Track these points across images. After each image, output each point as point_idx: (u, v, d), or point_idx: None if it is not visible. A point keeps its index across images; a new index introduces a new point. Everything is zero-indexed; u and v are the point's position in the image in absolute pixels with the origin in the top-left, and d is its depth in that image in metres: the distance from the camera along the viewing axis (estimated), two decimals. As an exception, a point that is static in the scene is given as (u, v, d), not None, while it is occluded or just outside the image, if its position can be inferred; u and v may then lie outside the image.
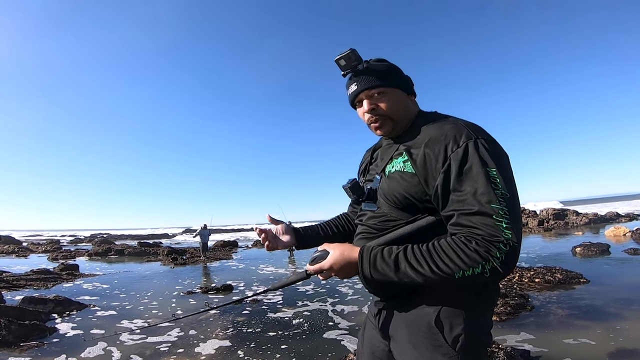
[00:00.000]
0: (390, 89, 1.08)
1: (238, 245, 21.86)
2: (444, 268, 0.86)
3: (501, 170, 0.89)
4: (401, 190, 1.00)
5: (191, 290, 7.44)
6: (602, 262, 7.88)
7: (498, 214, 0.85)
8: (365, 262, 0.95)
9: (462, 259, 0.85)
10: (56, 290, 7.97)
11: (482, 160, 0.89)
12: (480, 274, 0.84)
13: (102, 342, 4.16)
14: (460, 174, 0.90)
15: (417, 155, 0.98)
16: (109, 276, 10.32)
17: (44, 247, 23.56)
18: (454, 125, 0.97)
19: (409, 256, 0.91)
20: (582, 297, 5.09)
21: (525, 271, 6.51)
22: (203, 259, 14.14)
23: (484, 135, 0.95)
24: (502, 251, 0.83)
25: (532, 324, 4.13)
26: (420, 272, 0.88)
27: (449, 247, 0.87)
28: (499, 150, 0.95)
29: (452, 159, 0.91)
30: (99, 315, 5.62)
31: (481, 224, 0.85)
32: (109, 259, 16.54)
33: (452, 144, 0.92)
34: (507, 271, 0.85)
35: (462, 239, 0.87)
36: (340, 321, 4.69)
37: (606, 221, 19.40)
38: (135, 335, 4.37)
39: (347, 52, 1.05)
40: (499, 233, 0.84)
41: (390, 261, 0.92)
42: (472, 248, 0.84)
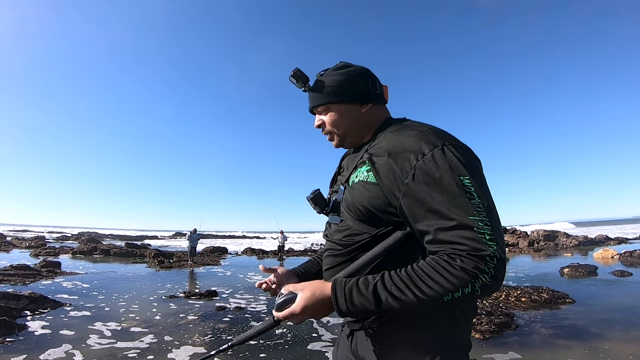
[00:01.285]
0: (334, 105, 1.04)
1: (227, 251, 21.62)
2: (429, 292, 0.76)
3: (474, 178, 0.80)
4: (363, 202, 0.92)
5: (173, 295, 7.27)
6: (588, 283, 7.90)
7: (479, 225, 0.76)
8: (341, 299, 0.84)
9: (449, 280, 0.75)
10: (33, 287, 7.77)
11: (452, 169, 0.80)
12: (470, 293, 0.75)
13: (67, 344, 4.00)
14: (430, 185, 0.80)
15: (380, 165, 0.89)
16: (91, 275, 10.10)
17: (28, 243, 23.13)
18: (418, 132, 0.88)
19: (388, 285, 0.80)
20: (567, 317, 5.07)
21: (512, 290, 6.47)
22: (190, 264, 13.92)
23: (451, 141, 0.86)
24: (490, 265, 0.75)
25: (515, 342, 4.07)
26: (404, 300, 0.78)
27: (432, 269, 0.78)
28: (469, 156, 0.86)
29: (418, 169, 0.82)
30: (72, 315, 5.45)
31: (463, 238, 0.76)
32: (94, 258, 16.24)
33: (418, 152, 0.83)
34: (497, 285, 0.77)
35: (445, 257, 0.78)
36: (324, 333, 4.58)
37: (595, 244, 19.54)
38: (104, 339, 4.20)
39: (293, 72, 1.05)
40: (484, 246, 0.75)
41: (368, 294, 0.81)
42: (458, 266, 0.75)
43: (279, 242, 17.60)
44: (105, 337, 4.31)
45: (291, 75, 1.06)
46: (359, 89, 1.04)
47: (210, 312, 5.88)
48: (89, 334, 4.39)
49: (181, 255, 16.67)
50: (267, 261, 16.57)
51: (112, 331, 4.60)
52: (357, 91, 1.04)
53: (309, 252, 21.44)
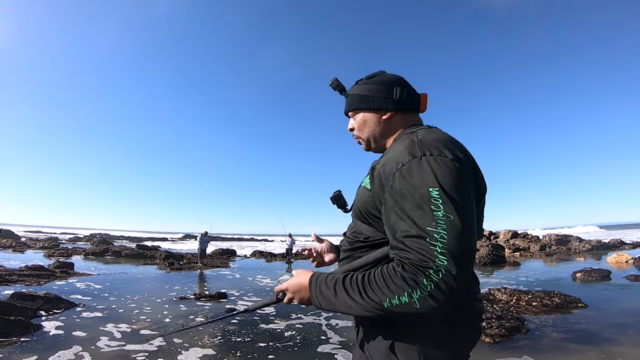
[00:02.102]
0: (359, 113, 1.13)
1: (236, 254, 21.74)
2: (372, 296, 0.80)
3: (446, 190, 0.79)
4: (359, 204, 1.04)
5: (184, 296, 7.35)
6: (601, 287, 7.76)
7: (433, 237, 0.75)
8: (313, 287, 0.93)
9: (389, 286, 0.77)
10: (47, 287, 7.93)
11: (422, 180, 0.81)
12: (408, 303, 0.75)
13: (78, 346, 4.05)
14: (400, 193, 0.84)
15: (376, 174, 0.96)
16: (103, 276, 10.26)
17: (41, 244, 23.58)
18: (410, 142, 0.91)
19: (346, 282, 0.86)
20: (579, 322, 4.99)
21: (523, 294, 6.40)
22: (200, 266, 14.04)
23: (435, 151, 0.86)
24: (432, 279, 0.73)
25: (526, 346, 4.03)
26: (354, 298, 0.82)
27: (380, 274, 0.81)
28: (451, 169, 0.83)
29: (395, 178, 0.86)
30: (85, 316, 5.54)
31: (413, 247, 0.77)
32: (105, 259, 16.49)
33: (399, 162, 0.87)
34: (441, 304, 0.74)
35: (394, 263, 0.81)
36: (333, 336, 4.59)
37: (609, 248, 19.17)
38: (114, 342, 4.25)
39: (331, 81, 1.18)
40: (432, 258, 0.74)
41: (331, 286, 0.89)
42: (399, 273, 0.77)
43: (287, 245, 17.65)
44: (115, 338, 4.37)
45: (330, 84, 1.19)
46: (381, 98, 1.09)
47: (220, 313, 5.94)
48: (99, 336, 4.46)
49: (191, 257, 16.83)
50: (276, 264, 16.61)
51: (122, 333, 4.67)
52: (378, 100, 1.09)
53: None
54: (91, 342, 4.19)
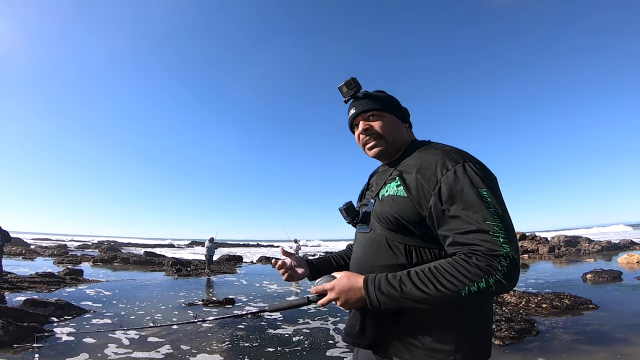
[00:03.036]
0: (385, 113, 1.18)
1: (243, 260, 21.76)
2: (448, 285, 0.87)
3: (491, 190, 0.93)
4: (393, 213, 1.04)
5: (192, 302, 7.39)
6: (612, 288, 7.65)
7: (494, 229, 0.88)
8: (371, 286, 0.97)
9: (465, 275, 0.86)
10: (58, 294, 8.02)
11: (471, 182, 0.93)
12: (485, 288, 0.85)
13: (85, 354, 4.06)
14: (452, 195, 0.93)
15: (410, 180, 1.02)
16: (112, 283, 10.34)
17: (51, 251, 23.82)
18: (442, 151, 1.03)
19: (412, 277, 0.92)
20: (590, 323, 4.94)
21: (533, 296, 6.34)
22: (207, 272, 14.08)
23: (471, 159, 1.00)
24: (504, 264, 0.85)
25: (536, 348, 4.00)
26: (426, 291, 0.89)
27: (451, 266, 0.89)
28: (486, 172, 0.99)
29: (442, 182, 0.95)
30: (95, 323, 5.59)
31: (479, 240, 0.88)
32: (114, 266, 16.60)
33: (442, 168, 0.97)
34: (511, 284, 0.87)
35: (463, 256, 0.89)
36: (341, 340, 4.58)
37: (619, 249, 18.85)
38: (122, 349, 4.26)
39: (349, 79, 1.17)
40: (498, 247, 0.86)
41: (395, 283, 0.93)
42: (473, 263, 0.86)
43: (293, 251, 17.64)
44: (123, 345, 4.38)
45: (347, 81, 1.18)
46: (402, 108, 1.24)
47: (228, 319, 5.96)
48: (108, 342, 4.47)
49: (198, 264, 16.88)
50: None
51: (130, 340, 4.66)
52: (400, 108, 1.23)
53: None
54: (100, 348, 4.22)
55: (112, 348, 4.26)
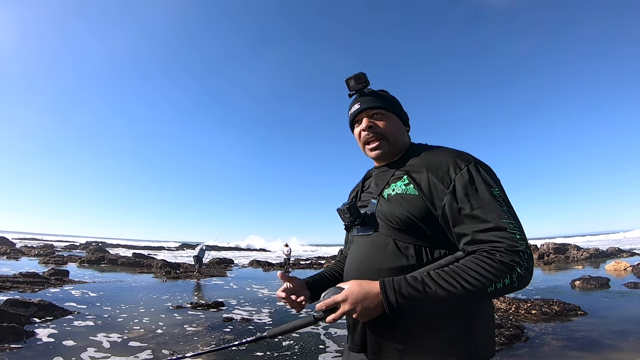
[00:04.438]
0: (390, 113, 1.16)
1: (233, 263, 21.58)
2: (475, 283, 0.86)
3: (501, 190, 0.97)
4: (404, 212, 1.00)
5: (180, 305, 7.26)
6: (601, 295, 7.73)
7: (510, 227, 0.89)
8: (390, 290, 0.89)
9: (491, 272, 0.86)
10: (42, 294, 7.82)
11: (485, 182, 0.95)
12: (509, 284, 0.86)
13: (59, 357, 3.91)
14: (467, 194, 0.94)
15: (421, 179, 1.01)
16: (98, 284, 10.14)
17: (36, 251, 23.36)
18: (451, 152, 1.05)
19: (436, 278, 0.88)
20: (579, 329, 4.96)
21: (522, 302, 6.36)
22: (197, 275, 13.91)
23: (479, 160, 1.03)
24: (524, 259, 0.87)
25: (525, 354, 4.00)
26: (452, 291, 0.86)
27: (475, 264, 0.88)
28: (494, 173, 1.03)
29: (456, 181, 0.96)
30: (77, 325, 5.43)
31: (499, 237, 0.89)
32: (101, 267, 16.31)
33: (455, 167, 0.98)
34: (530, 277, 0.89)
35: (485, 253, 0.89)
36: (332, 345, 4.52)
37: (607, 256, 19.10)
38: (100, 353, 4.12)
39: (358, 73, 1.15)
40: (517, 243, 0.88)
41: (417, 285, 0.88)
42: (497, 260, 0.87)
43: (284, 255, 17.55)
44: (103, 349, 4.24)
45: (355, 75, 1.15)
46: (405, 113, 1.24)
47: (216, 323, 5.86)
48: (88, 345, 4.33)
49: (188, 266, 16.68)
50: (274, 273, 16.47)
51: (112, 343, 4.52)
52: (403, 112, 1.23)
53: (314, 264, 21.30)
54: (78, 351, 4.08)
55: (90, 352, 4.12)
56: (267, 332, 1.06)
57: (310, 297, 1.19)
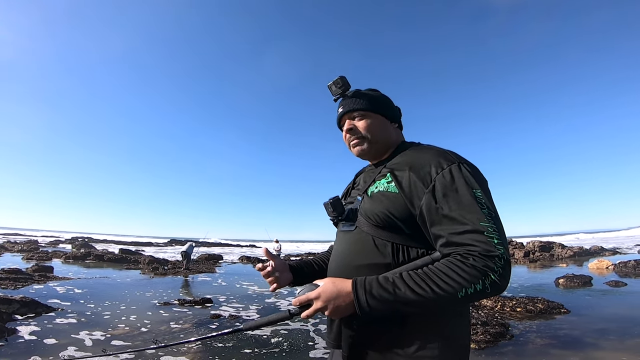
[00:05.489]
0: (371, 114, 1.15)
1: (222, 259, 21.46)
2: (446, 288, 0.84)
3: (484, 191, 0.93)
4: (383, 209, 1.00)
5: (167, 302, 7.18)
6: (583, 293, 7.90)
7: (488, 230, 0.86)
8: (360, 290, 0.90)
9: (463, 277, 0.84)
10: (24, 291, 7.66)
11: (466, 182, 0.92)
12: (482, 289, 0.84)
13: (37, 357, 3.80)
14: (447, 195, 0.91)
15: (402, 177, 1.00)
16: (84, 281, 9.97)
17: (20, 247, 22.86)
18: (437, 151, 1.02)
19: (407, 279, 0.88)
20: (562, 327, 5.06)
21: (508, 300, 6.46)
22: (184, 271, 13.78)
23: (465, 160, 1.00)
24: (499, 265, 0.84)
25: (510, 352, 4.06)
26: (421, 294, 0.85)
27: (447, 267, 0.86)
28: (479, 174, 0.99)
29: (437, 181, 0.93)
30: (60, 322, 5.32)
31: (475, 241, 0.86)
32: (87, 263, 16.04)
33: (437, 167, 0.96)
34: (505, 284, 0.86)
35: (459, 257, 0.87)
36: (321, 341, 4.52)
37: (591, 254, 19.57)
38: (80, 352, 4.01)
39: (337, 78, 1.15)
40: (493, 248, 0.85)
41: (388, 286, 0.88)
42: (470, 264, 0.84)
43: (274, 251, 17.52)
44: (84, 347, 4.15)
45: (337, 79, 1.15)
46: (392, 108, 1.21)
47: (204, 319, 5.82)
48: (69, 344, 4.24)
49: (176, 262, 16.52)
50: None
51: (94, 341, 4.43)
52: (390, 109, 1.20)
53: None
54: (58, 350, 3.98)
55: (70, 350, 4.03)
56: (243, 324, 1.13)
57: (292, 280, 1.25)
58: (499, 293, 0.88)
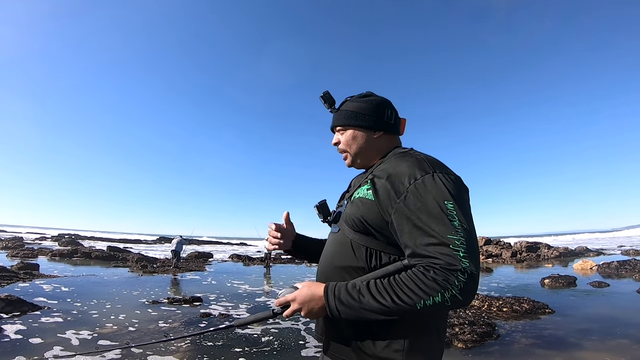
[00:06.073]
0: (350, 128, 1.19)
1: (212, 257, 21.33)
2: (405, 299, 0.87)
3: (458, 203, 0.92)
4: (358, 215, 1.04)
5: (156, 300, 7.14)
6: (568, 293, 8.09)
7: (455, 243, 0.87)
8: (331, 295, 0.97)
9: (422, 289, 0.86)
10: (9, 289, 7.53)
11: (438, 193, 0.92)
12: (441, 302, 0.85)
13: (21, 357, 3.74)
14: (416, 205, 0.93)
15: (380, 186, 1.02)
16: (71, 279, 9.83)
17: (4, 244, 22.40)
18: (416, 160, 1.02)
19: (371, 288, 0.92)
20: (546, 327, 5.18)
21: (494, 300, 6.58)
22: (174, 269, 13.67)
23: (442, 170, 0.99)
24: (461, 279, 0.85)
25: (496, 352, 4.14)
26: (383, 303, 0.89)
27: (409, 279, 0.89)
28: (457, 184, 0.98)
29: (409, 191, 0.95)
30: (45, 321, 5.25)
31: (439, 254, 0.87)
32: (74, 261, 15.80)
33: (411, 177, 0.96)
34: (467, 299, 0.87)
35: (421, 269, 0.89)
36: (312, 340, 4.55)
37: (576, 255, 19.99)
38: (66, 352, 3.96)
39: (321, 95, 1.24)
40: (457, 262, 0.85)
41: (354, 293, 0.93)
42: (430, 277, 0.86)
43: (265, 249, 17.48)
44: (70, 347, 4.10)
45: (321, 96, 1.24)
46: (374, 117, 1.18)
47: (193, 318, 5.79)
48: (55, 343, 4.18)
49: (165, 260, 16.38)
50: (254, 268, 16.40)
51: (81, 340, 4.38)
52: (371, 119, 1.18)
53: (296, 259, 21.32)
54: (44, 349, 3.93)
55: (55, 350, 3.98)
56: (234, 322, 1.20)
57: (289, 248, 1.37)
58: (461, 306, 0.90)
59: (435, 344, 1.03)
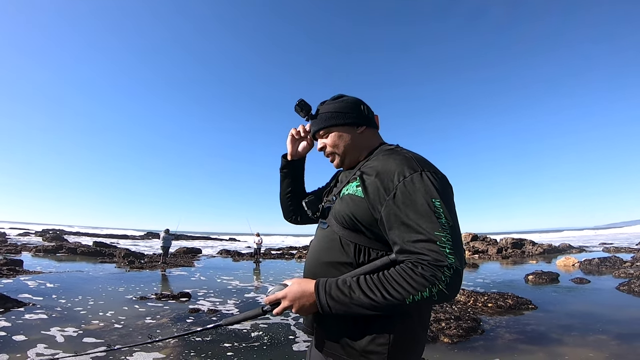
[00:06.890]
0: (333, 128, 1.21)
1: (201, 253, 21.19)
2: (394, 294, 0.90)
3: (444, 201, 0.95)
4: (348, 212, 1.06)
5: (143, 296, 7.07)
6: (550, 289, 8.30)
7: (441, 240, 0.90)
8: (322, 291, 0.99)
9: (411, 284, 0.89)
10: (-8, 286, 7.36)
11: (426, 191, 0.95)
12: (428, 297, 0.89)
13: (4, 355, 3.69)
14: (405, 203, 0.95)
15: (369, 183, 1.04)
16: (56, 275, 9.67)
17: (-14, 240, 21.84)
18: (404, 157, 1.04)
19: (361, 284, 0.95)
20: (529, 323, 5.31)
21: (480, 296, 6.71)
22: (162, 265, 13.55)
23: (430, 168, 1.01)
24: (447, 275, 0.88)
25: (481, 347, 4.24)
26: (373, 298, 0.92)
27: (398, 274, 0.92)
28: (443, 182, 1.01)
29: (398, 189, 0.97)
30: (30, 318, 5.18)
31: (427, 250, 0.90)
32: (58, 257, 15.51)
33: (400, 175, 0.99)
34: (452, 293, 0.90)
35: (409, 264, 0.92)
36: (301, 335, 4.58)
37: (559, 252, 20.48)
38: (50, 350, 3.89)
39: (296, 103, 1.23)
40: (444, 258, 0.89)
41: (345, 289, 0.96)
42: (419, 273, 0.89)
43: (255, 244, 17.44)
44: (55, 344, 4.04)
45: (296, 105, 1.24)
46: (354, 113, 1.22)
47: (182, 314, 5.77)
48: (39, 341, 4.13)
49: (153, 255, 16.21)
50: (243, 263, 16.35)
51: (66, 337, 4.32)
52: (352, 115, 1.21)
53: (285, 255, 21.35)
54: (27, 347, 3.88)
55: (39, 348, 3.92)
56: (223, 320, 1.19)
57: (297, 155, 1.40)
58: (447, 301, 0.94)
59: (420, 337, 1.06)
